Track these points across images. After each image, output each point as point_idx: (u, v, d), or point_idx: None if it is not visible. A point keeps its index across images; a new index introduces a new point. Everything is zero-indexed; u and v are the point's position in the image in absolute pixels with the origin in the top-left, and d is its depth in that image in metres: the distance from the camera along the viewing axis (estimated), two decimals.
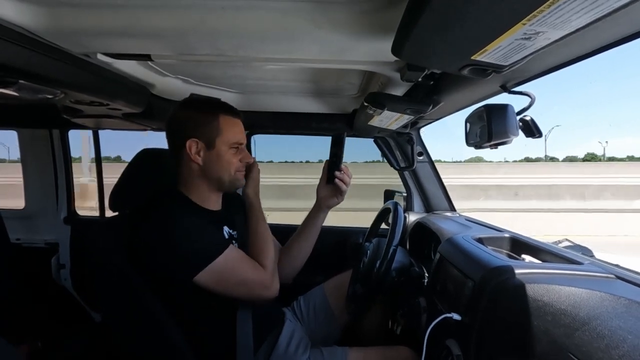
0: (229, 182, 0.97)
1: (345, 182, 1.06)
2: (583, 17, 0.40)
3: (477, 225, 1.31)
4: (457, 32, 0.47)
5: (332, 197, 1.10)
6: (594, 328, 0.53)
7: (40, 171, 2.04)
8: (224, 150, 0.94)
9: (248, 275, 0.90)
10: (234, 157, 0.96)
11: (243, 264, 0.91)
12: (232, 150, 0.95)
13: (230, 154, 0.95)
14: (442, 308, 0.89)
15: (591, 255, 0.93)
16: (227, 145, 0.94)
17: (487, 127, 0.84)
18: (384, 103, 0.98)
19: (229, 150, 0.94)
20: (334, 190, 1.08)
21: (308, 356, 1.01)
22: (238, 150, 0.97)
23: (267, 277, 0.92)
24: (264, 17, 0.67)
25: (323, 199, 1.12)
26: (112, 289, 0.92)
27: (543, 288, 0.65)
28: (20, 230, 2.00)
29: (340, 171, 1.05)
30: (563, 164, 16.60)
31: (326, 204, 1.12)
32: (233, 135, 0.95)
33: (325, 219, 1.16)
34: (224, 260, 0.86)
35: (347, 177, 1.06)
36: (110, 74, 1.00)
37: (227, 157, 0.94)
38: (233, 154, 0.95)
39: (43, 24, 0.70)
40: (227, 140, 0.94)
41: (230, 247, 0.89)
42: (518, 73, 0.75)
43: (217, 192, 1.01)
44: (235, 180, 0.98)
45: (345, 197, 1.10)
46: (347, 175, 1.06)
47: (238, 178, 0.98)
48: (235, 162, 0.96)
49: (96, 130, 1.94)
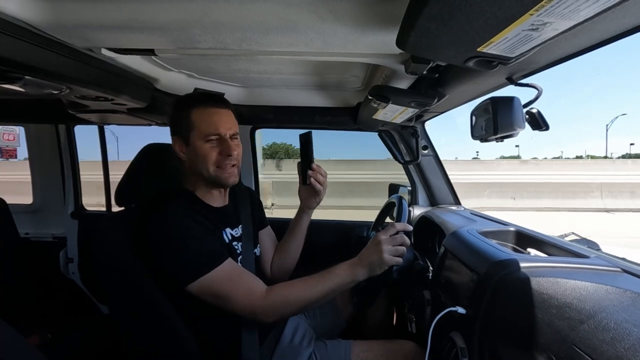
0: (208, 177, 0.93)
1: (319, 181, 1.04)
2: (592, 7, 0.39)
3: (482, 219, 1.31)
4: (462, 24, 0.47)
5: (311, 198, 1.09)
6: (599, 321, 0.53)
7: (47, 166, 2.07)
8: (199, 145, 0.91)
9: (237, 298, 0.85)
10: (211, 151, 0.91)
11: (233, 283, 0.86)
12: (209, 143, 0.91)
13: (206, 148, 0.91)
14: (446, 301, 0.89)
15: (597, 248, 0.92)
16: (201, 140, 0.91)
17: (492, 120, 0.84)
18: (389, 96, 0.97)
19: (204, 144, 0.91)
20: (311, 190, 1.07)
21: (312, 349, 1.02)
22: (218, 143, 0.92)
23: (257, 306, 0.85)
24: (267, 9, 0.66)
25: (304, 200, 1.12)
26: (117, 283, 0.93)
27: (548, 281, 0.65)
28: (29, 225, 2.04)
29: (312, 170, 1.03)
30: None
31: (307, 205, 1.11)
32: (206, 128, 0.91)
33: (309, 220, 1.15)
34: (215, 275, 0.84)
35: (321, 176, 1.04)
36: (114, 69, 1.00)
37: (203, 151, 0.91)
38: (210, 147, 0.91)
39: (47, 19, 0.70)
40: (200, 134, 0.91)
41: (221, 266, 0.85)
42: (525, 65, 0.74)
43: (212, 188, 0.99)
44: (217, 176, 0.93)
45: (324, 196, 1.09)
46: (319, 174, 1.04)
47: (220, 174, 0.93)
48: (214, 155, 0.91)
49: (102, 125, 1.95)
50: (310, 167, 1.03)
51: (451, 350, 0.77)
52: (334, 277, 0.87)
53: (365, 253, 0.88)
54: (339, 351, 1.01)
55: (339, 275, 0.87)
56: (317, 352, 1.01)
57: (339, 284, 0.87)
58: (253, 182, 1.92)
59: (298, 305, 0.87)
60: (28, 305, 1.63)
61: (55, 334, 1.58)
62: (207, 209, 0.97)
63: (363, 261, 0.87)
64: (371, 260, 0.86)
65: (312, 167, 1.03)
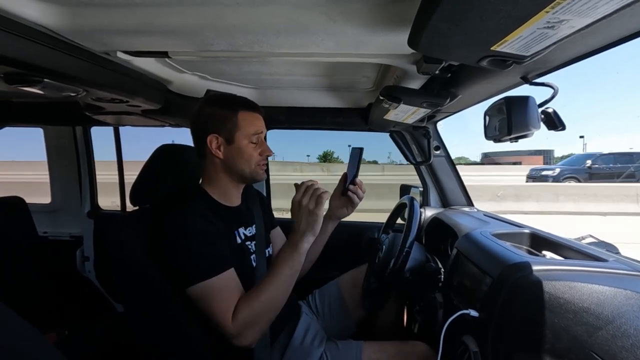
0: (249, 174, 0.99)
1: (358, 195, 1.09)
2: (611, 3, 0.38)
3: (496, 220, 1.29)
4: (475, 22, 0.46)
5: (343, 208, 1.13)
6: (618, 327, 0.52)
7: (65, 167, 2.12)
8: (244, 144, 0.96)
9: (216, 313, 0.83)
10: (254, 151, 0.98)
11: (217, 301, 0.83)
12: (252, 143, 0.97)
13: (250, 148, 0.97)
14: (458, 304, 0.88)
15: (616, 252, 0.90)
16: (246, 139, 0.96)
17: (507, 120, 0.82)
18: (400, 97, 0.97)
19: (249, 144, 0.97)
20: (346, 202, 1.12)
21: (324, 349, 1.02)
22: (258, 144, 0.99)
23: (228, 329, 0.82)
24: (278, 12, 0.67)
25: (334, 208, 1.14)
26: (132, 282, 0.95)
27: (565, 285, 0.63)
28: (47, 224, 2.09)
29: (355, 185, 1.08)
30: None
31: (336, 214, 1.15)
32: (252, 129, 0.97)
33: (333, 228, 1.18)
34: (210, 284, 0.83)
35: (361, 192, 1.09)
36: (129, 72, 1.03)
37: (248, 151, 0.97)
38: (253, 148, 0.98)
39: (66, 24, 0.72)
40: (247, 134, 0.96)
41: (219, 276, 0.84)
42: (540, 63, 0.73)
43: (238, 186, 1.03)
44: (256, 173, 0.99)
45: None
46: (360, 189, 1.09)
47: (258, 171, 1.00)
48: (255, 155, 0.98)
49: (117, 127, 2.00)
50: (354, 182, 1.07)
51: (464, 354, 0.76)
52: (282, 263, 0.89)
53: (296, 223, 0.92)
54: (351, 352, 1.01)
55: (284, 259, 0.90)
56: (328, 352, 1.01)
57: (291, 265, 0.89)
58: (264, 183, 1.93)
59: (268, 309, 0.86)
60: (45, 302, 1.68)
61: (72, 332, 1.62)
62: (221, 208, 0.99)
63: (297, 231, 0.91)
64: (302, 224, 0.90)
65: (356, 181, 1.08)
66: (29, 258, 1.70)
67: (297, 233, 0.90)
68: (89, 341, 1.54)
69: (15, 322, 0.44)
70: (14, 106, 1.48)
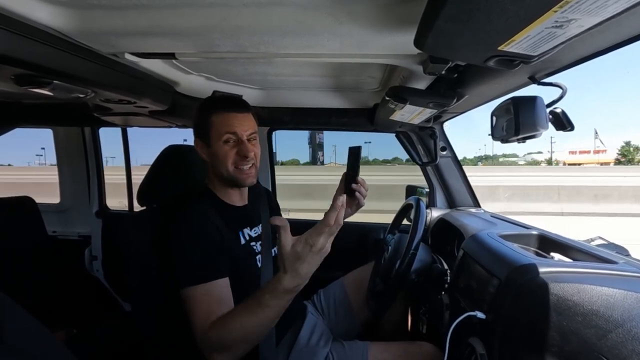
0: (228, 177, 0.96)
1: (362, 194, 1.02)
2: (621, 2, 0.38)
3: (503, 222, 1.28)
4: (482, 22, 0.45)
5: (347, 208, 1.06)
6: (628, 330, 0.51)
7: (74, 167, 2.15)
8: (218, 146, 0.94)
9: (194, 320, 0.80)
10: (229, 151, 0.94)
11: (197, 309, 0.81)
12: (227, 145, 0.94)
13: (224, 149, 0.94)
14: (465, 306, 0.87)
15: (627, 254, 0.88)
16: (219, 140, 0.94)
17: (514, 120, 0.82)
18: (406, 97, 0.96)
19: (222, 145, 0.94)
20: (350, 202, 1.04)
21: (329, 349, 1.02)
22: (235, 144, 0.95)
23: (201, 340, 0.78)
24: (284, 13, 0.67)
25: None
26: (139, 281, 0.96)
27: (573, 287, 0.62)
28: (56, 224, 2.12)
29: (357, 184, 1.03)
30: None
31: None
32: (223, 129, 0.93)
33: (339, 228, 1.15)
34: (196, 290, 0.82)
35: (364, 190, 1.02)
36: (137, 73, 1.04)
37: (222, 152, 0.94)
38: (229, 148, 0.94)
39: (75, 26, 0.73)
40: (218, 134, 0.93)
41: (206, 284, 0.82)
42: (548, 63, 0.72)
43: (231, 188, 1.01)
44: (235, 175, 0.95)
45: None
46: (363, 187, 1.02)
47: (237, 174, 0.95)
48: (231, 156, 0.94)
49: (124, 127, 2.02)
50: (356, 180, 1.04)
51: (470, 356, 0.75)
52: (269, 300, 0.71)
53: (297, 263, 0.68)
54: (357, 352, 1.01)
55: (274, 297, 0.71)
56: (334, 352, 1.01)
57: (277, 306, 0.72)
58: (270, 183, 1.93)
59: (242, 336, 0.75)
60: (54, 301, 1.70)
61: (80, 330, 1.64)
62: (228, 208, 0.99)
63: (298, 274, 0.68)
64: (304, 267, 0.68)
65: (358, 180, 1.04)
66: (39, 257, 1.72)
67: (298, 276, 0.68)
68: (97, 340, 1.56)
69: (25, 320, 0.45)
70: (24, 107, 1.50)
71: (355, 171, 1.05)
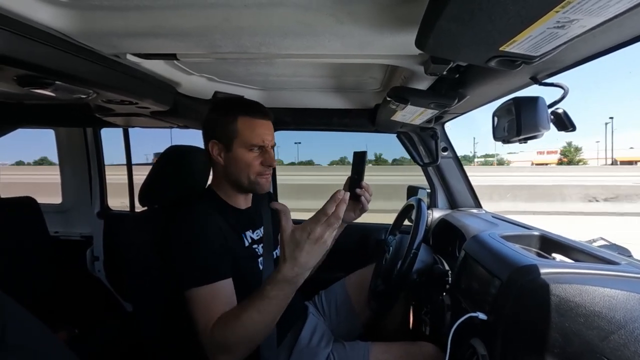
0: (247, 185, 0.95)
1: (366, 198, 1.04)
2: (622, 2, 0.38)
3: (504, 222, 1.27)
4: (484, 23, 0.45)
5: (351, 212, 1.08)
6: (631, 331, 0.51)
7: (76, 168, 2.16)
8: (241, 153, 0.92)
9: (198, 321, 0.80)
10: (254, 160, 0.93)
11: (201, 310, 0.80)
12: (252, 153, 0.92)
13: (249, 157, 0.92)
14: (466, 306, 0.87)
15: (629, 255, 0.88)
16: (244, 148, 0.92)
17: (516, 121, 0.82)
18: (407, 97, 0.96)
19: (247, 153, 0.92)
20: (354, 206, 1.07)
21: (330, 350, 1.02)
22: (260, 153, 0.94)
23: (205, 341, 0.78)
24: (285, 14, 0.67)
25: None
26: (140, 281, 0.96)
27: (575, 289, 0.62)
28: (58, 224, 2.13)
29: (361, 188, 1.04)
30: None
31: (345, 218, 1.10)
32: (251, 137, 0.92)
33: (341, 231, 1.14)
34: (199, 291, 0.82)
35: (368, 194, 1.04)
36: (138, 74, 1.04)
37: (246, 160, 0.92)
38: (254, 157, 0.93)
39: (77, 27, 0.73)
40: (245, 142, 0.92)
41: (209, 286, 0.82)
42: (550, 64, 0.72)
43: (241, 193, 1.01)
44: (256, 183, 0.94)
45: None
46: (367, 192, 1.04)
47: (259, 182, 0.95)
48: (256, 165, 0.93)
49: (126, 128, 2.02)
50: (360, 185, 1.03)
51: (472, 357, 0.75)
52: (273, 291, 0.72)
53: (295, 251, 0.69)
54: (358, 352, 1.01)
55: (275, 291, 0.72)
56: (335, 353, 1.01)
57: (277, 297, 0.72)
58: (271, 185, 1.93)
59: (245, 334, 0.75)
60: (56, 301, 1.70)
61: (82, 330, 1.64)
62: (231, 210, 0.99)
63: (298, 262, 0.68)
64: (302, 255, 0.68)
65: (362, 184, 1.03)
66: (40, 257, 1.73)
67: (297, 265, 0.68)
68: (98, 340, 1.56)
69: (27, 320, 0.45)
70: (26, 108, 1.50)
71: (360, 175, 1.04)
